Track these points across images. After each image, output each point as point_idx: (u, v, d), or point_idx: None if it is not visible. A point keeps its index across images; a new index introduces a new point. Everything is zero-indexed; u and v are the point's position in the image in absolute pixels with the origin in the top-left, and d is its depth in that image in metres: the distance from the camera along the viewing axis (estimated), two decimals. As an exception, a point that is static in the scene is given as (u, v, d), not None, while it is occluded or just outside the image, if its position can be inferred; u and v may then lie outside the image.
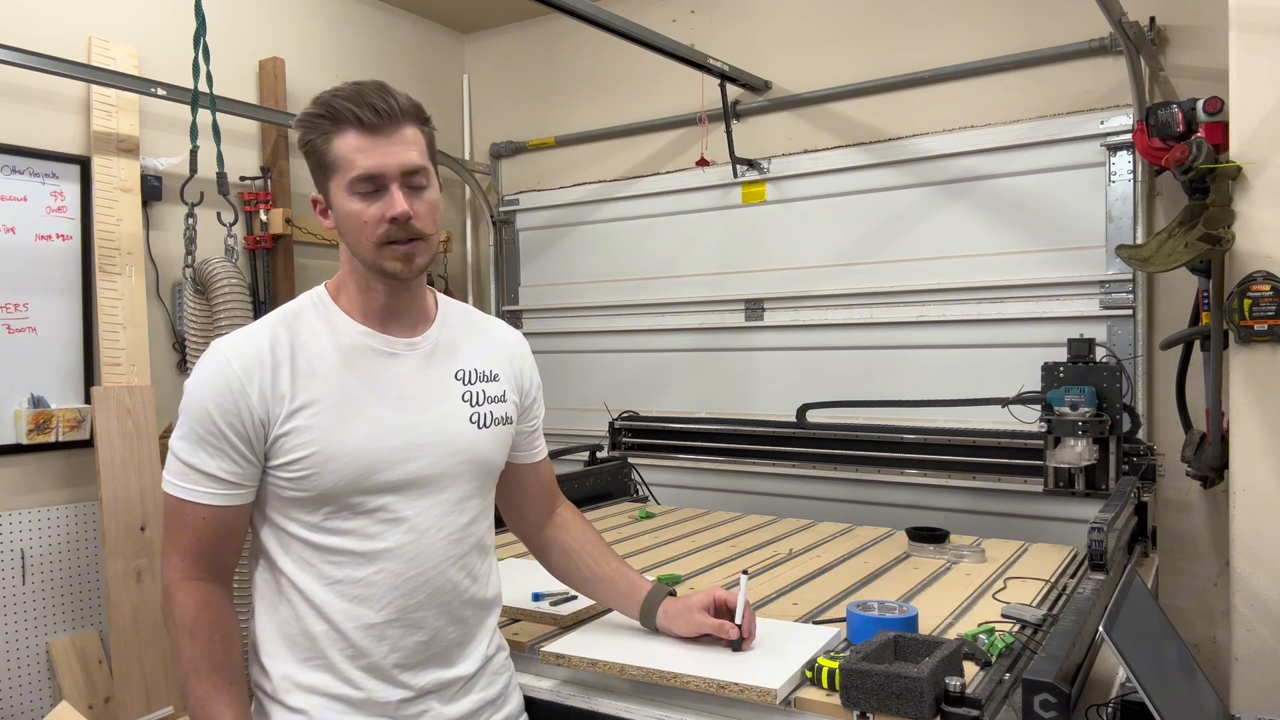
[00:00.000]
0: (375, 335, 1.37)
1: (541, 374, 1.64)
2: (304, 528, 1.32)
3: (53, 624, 3.08)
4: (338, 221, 1.34)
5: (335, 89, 1.32)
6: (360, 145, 1.28)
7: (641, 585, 1.65)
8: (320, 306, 1.38)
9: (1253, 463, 2.31)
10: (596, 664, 1.54)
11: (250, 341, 1.32)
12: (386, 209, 1.29)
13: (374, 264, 1.33)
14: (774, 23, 3.76)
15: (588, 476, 3.23)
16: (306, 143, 1.33)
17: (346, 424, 1.31)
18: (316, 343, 1.34)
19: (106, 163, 3.19)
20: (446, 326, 1.45)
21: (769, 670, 1.45)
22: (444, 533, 1.38)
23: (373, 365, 1.36)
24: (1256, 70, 2.29)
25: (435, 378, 1.41)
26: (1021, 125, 3.20)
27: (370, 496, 1.32)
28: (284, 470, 1.30)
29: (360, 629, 1.32)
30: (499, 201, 4.50)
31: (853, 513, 3.13)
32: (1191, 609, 2.99)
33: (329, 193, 1.33)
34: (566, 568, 1.67)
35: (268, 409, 1.29)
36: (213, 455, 1.28)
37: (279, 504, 1.33)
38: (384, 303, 1.38)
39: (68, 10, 3.15)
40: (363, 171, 1.28)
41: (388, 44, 4.25)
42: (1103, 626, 1.35)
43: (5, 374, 2.98)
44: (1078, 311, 3.10)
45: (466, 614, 1.42)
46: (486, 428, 1.43)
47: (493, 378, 1.47)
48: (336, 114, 1.29)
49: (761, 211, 3.75)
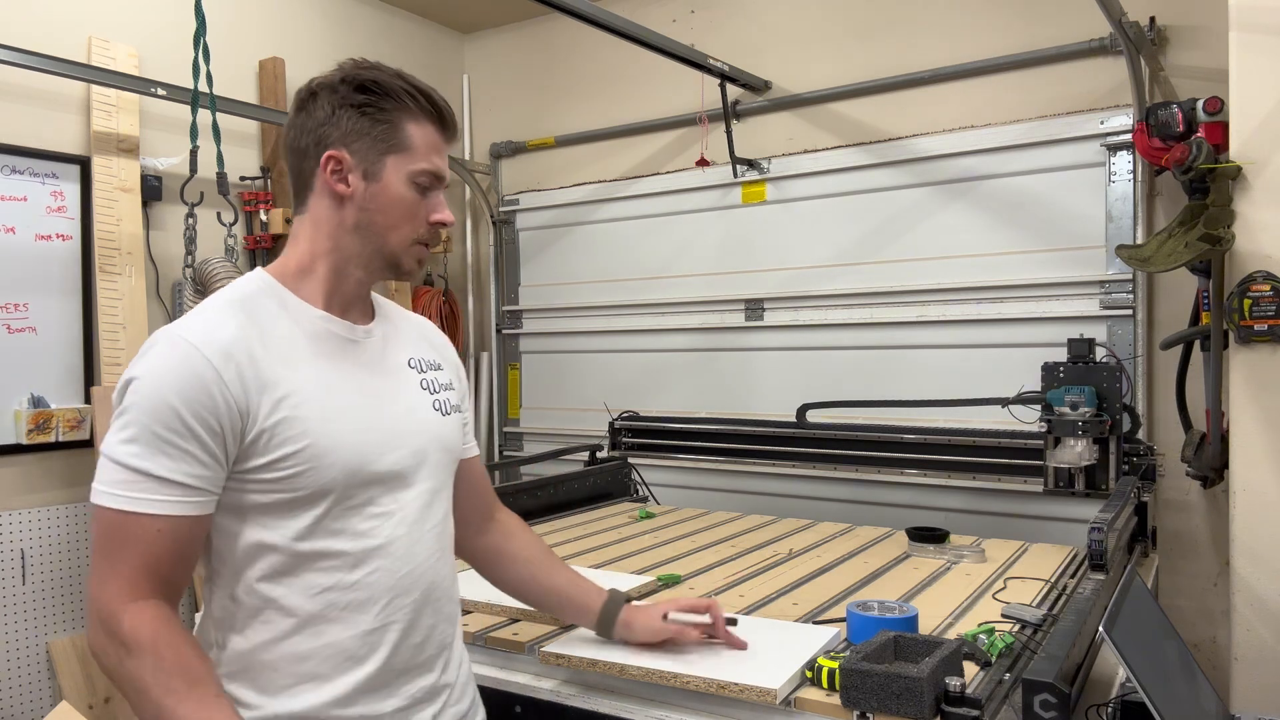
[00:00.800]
0: (336, 320, 1.28)
1: (542, 374, 1.64)
2: (283, 536, 1.18)
3: (53, 624, 3.07)
4: (375, 199, 1.25)
5: (401, 73, 1.27)
6: (435, 142, 1.27)
7: (597, 595, 1.60)
8: (271, 291, 1.26)
9: (1253, 463, 2.31)
10: (596, 664, 1.54)
11: (215, 325, 1.18)
12: (436, 212, 1.28)
13: (393, 257, 1.28)
14: (774, 22, 3.76)
15: (588, 476, 3.23)
16: (370, 104, 1.23)
17: (332, 413, 1.21)
18: (280, 328, 1.22)
19: (106, 163, 3.19)
20: (386, 316, 1.39)
21: (769, 670, 1.45)
22: (428, 525, 1.32)
23: (340, 352, 1.27)
24: (1256, 70, 2.29)
25: (395, 364, 1.34)
26: (1021, 125, 3.21)
27: (361, 491, 1.23)
28: (267, 471, 1.17)
29: (357, 637, 1.22)
30: (499, 201, 4.50)
31: (853, 513, 3.13)
32: (1191, 609, 2.99)
33: (380, 166, 1.24)
34: (514, 578, 1.57)
35: (248, 399, 1.15)
36: (175, 459, 1.12)
37: (249, 512, 1.18)
38: (354, 290, 1.30)
39: (68, 10, 3.15)
40: (433, 168, 1.27)
41: (388, 44, 4.25)
42: (1103, 626, 1.35)
43: (5, 374, 2.98)
44: (1078, 311, 3.10)
45: (453, 611, 1.38)
46: (448, 415, 1.38)
47: (437, 367, 1.41)
48: (422, 98, 1.26)
49: (761, 211, 3.75)
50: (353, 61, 1.27)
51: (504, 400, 4.48)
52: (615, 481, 3.34)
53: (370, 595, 1.23)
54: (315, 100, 1.25)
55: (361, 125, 1.23)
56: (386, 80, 1.24)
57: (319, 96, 1.25)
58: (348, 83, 1.24)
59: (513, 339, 4.46)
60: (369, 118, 1.23)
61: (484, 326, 4.57)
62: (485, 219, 4.53)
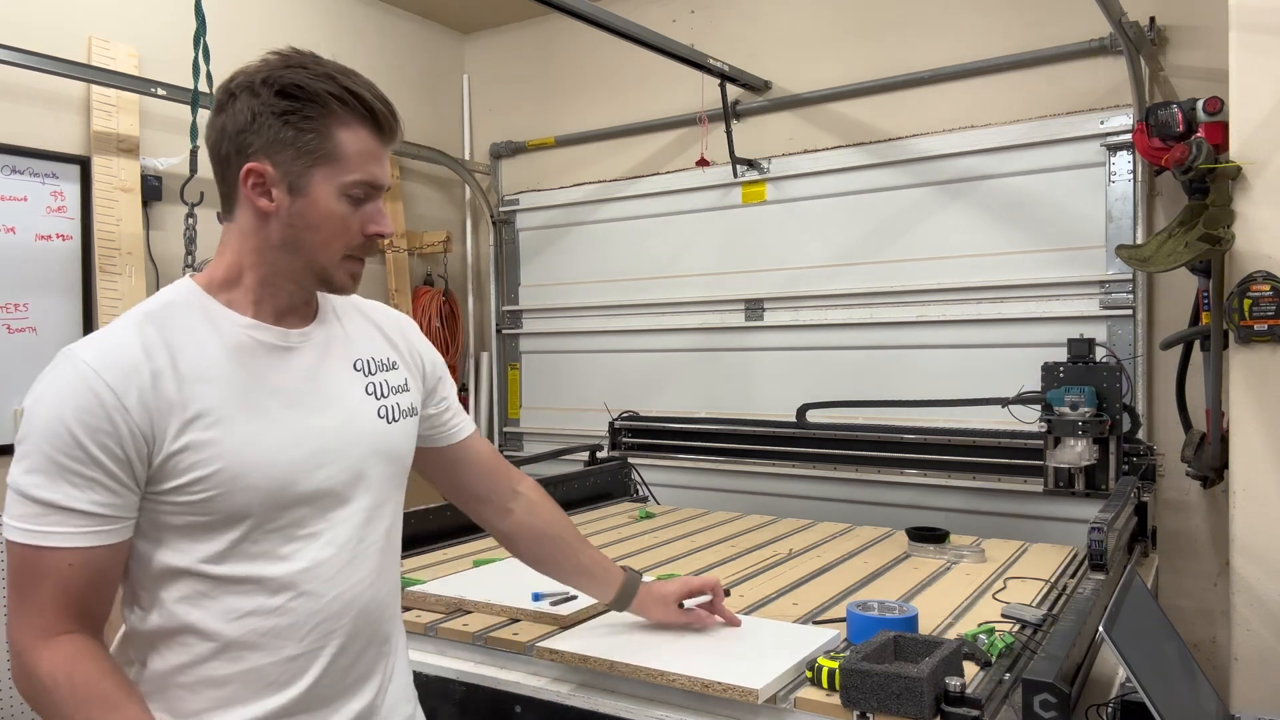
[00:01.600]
0: (265, 328, 1.18)
1: (542, 374, 1.65)
2: (198, 559, 1.12)
3: (53, 624, 3.07)
4: (302, 215, 1.14)
5: (330, 66, 1.15)
6: (371, 149, 1.15)
7: (616, 573, 1.65)
8: (194, 301, 1.17)
9: (1253, 463, 2.31)
10: (587, 660, 1.55)
11: (115, 345, 1.09)
12: (371, 223, 1.18)
13: (324, 273, 1.18)
14: (774, 22, 3.76)
15: (588, 476, 3.23)
16: (293, 110, 1.11)
17: (251, 432, 1.12)
18: (196, 342, 1.13)
19: (106, 163, 3.19)
20: (334, 315, 1.29)
21: (756, 670, 1.45)
22: (365, 543, 1.23)
23: (267, 363, 1.17)
24: (1256, 70, 2.29)
25: (334, 370, 1.24)
26: (1021, 125, 3.20)
27: (284, 513, 1.15)
28: (178, 494, 1.09)
29: (279, 663, 1.15)
30: (499, 201, 4.50)
31: (853, 513, 3.12)
32: (1191, 609, 2.99)
33: (307, 180, 1.13)
34: (540, 556, 1.59)
35: (152, 423, 1.07)
36: (81, 487, 1.05)
37: (164, 534, 1.12)
38: (287, 301, 1.21)
39: (68, 10, 3.15)
40: (368, 178, 1.15)
41: (388, 44, 4.25)
42: (1103, 626, 1.35)
43: (5, 374, 2.98)
44: (1078, 311, 3.10)
45: (390, 630, 1.31)
46: (396, 421, 1.29)
47: (391, 366, 1.32)
48: (350, 99, 1.13)
49: (761, 211, 3.75)
50: (279, 55, 1.14)
51: (504, 400, 4.48)
52: (615, 481, 3.34)
53: (295, 621, 1.16)
54: (234, 102, 1.13)
55: (285, 134, 1.11)
56: (311, 84, 1.11)
57: (238, 99, 1.13)
58: (269, 85, 1.11)
59: (513, 339, 4.46)
60: (293, 126, 1.11)
61: (484, 326, 4.57)
62: (485, 219, 4.53)
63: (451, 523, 2.49)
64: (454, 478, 1.51)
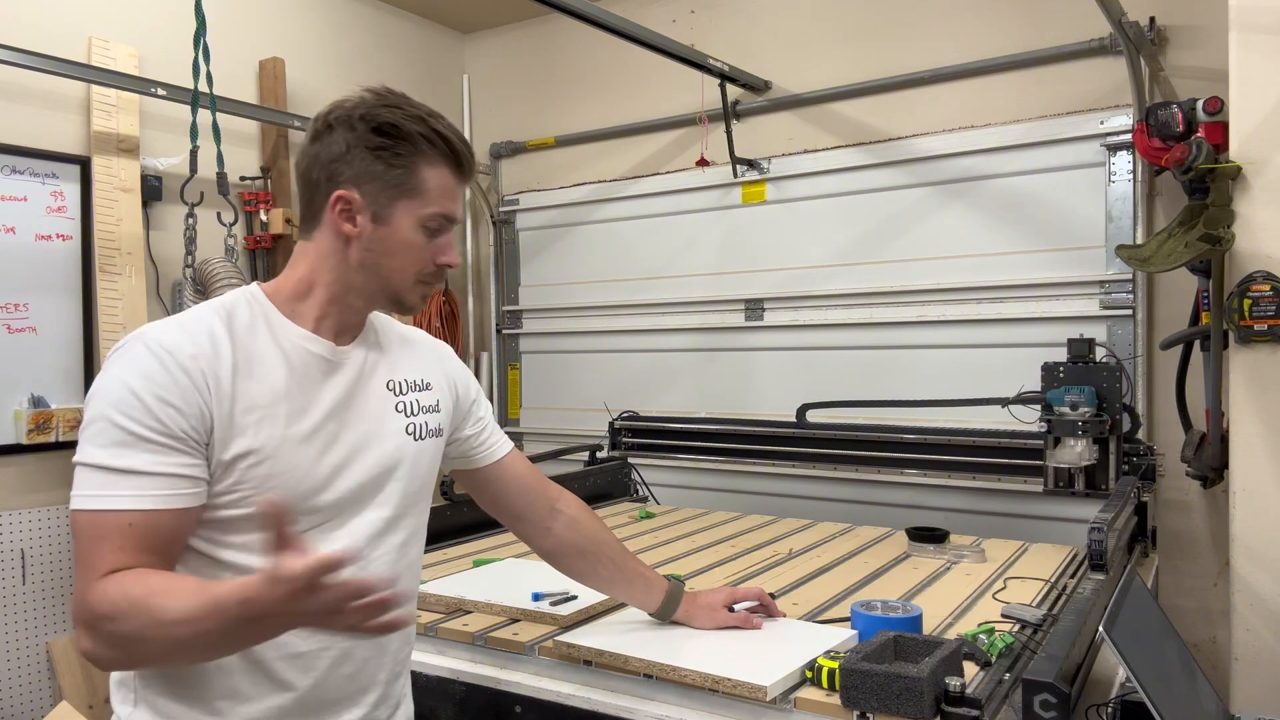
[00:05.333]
0: (319, 341, 1.25)
1: (542, 374, 1.65)
2: (216, 548, 1.16)
3: (53, 624, 3.07)
4: (383, 241, 1.23)
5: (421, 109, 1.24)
6: (450, 186, 1.25)
7: (660, 583, 1.68)
8: (256, 305, 1.24)
9: (1253, 463, 2.31)
10: (602, 654, 1.56)
11: (185, 331, 1.16)
12: (442, 254, 1.27)
13: (397, 294, 1.27)
14: (774, 23, 3.76)
15: (588, 476, 3.22)
16: (386, 147, 1.20)
17: (291, 436, 1.18)
18: (256, 343, 1.20)
19: (106, 163, 3.19)
20: (375, 336, 1.36)
21: (766, 668, 1.45)
22: (378, 551, 1.28)
23: (315, 374, 1.24)
24: (1256, 70, 2.29)
25: (371, 388, 1.31)
26: (1021, 125, 3.20)
27: (305, 517, 1.19)
28: (213, 483, 1.14)
29: (284, 659, 1.19)
30: (499, 201, 4.50)
31: (853, 513, 3.12)
32: (1191, 609, 2.99)
33: (390, 210, 1.22)
34: (583, 570, 1.64)
35: (211, 405, 1.13)
36: (143, 450, 1.08)
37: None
38: (351, 318, 1.29)
39: (68, 10, 3.14)
40: (446, 212, 1.25)
41: (388, 44, 4.25)
42: (1103, 626, 1.35)
43: (5, 374, 2.98)
44: (1078, 311, 3.10)
45: (398, 647, 1.35)
46: (422, 439, 1.35)
47: (425, 387, 1.39)
48: (439, 140, 1.23)
49: (761, 211, 3.75)
50: (374, 94, 1.24)
51: (504, 400, 4.48)
52: (615, 481, 3.34)
53: None
54: (331, 133, 1.22)
55: (375, 168, 1.21)
56: (405, 124, 1.21)
57: (335, 130, 1.22)
58: (366, 121, 1.21)
59: (513, 339, 4.46)
60: (384, 161, 1.21)
61: (484, 326, 4.57)
62: (485, 219, 4.53)
63: (452, 523, 2.49)
64: (493, 496, 1.58)
